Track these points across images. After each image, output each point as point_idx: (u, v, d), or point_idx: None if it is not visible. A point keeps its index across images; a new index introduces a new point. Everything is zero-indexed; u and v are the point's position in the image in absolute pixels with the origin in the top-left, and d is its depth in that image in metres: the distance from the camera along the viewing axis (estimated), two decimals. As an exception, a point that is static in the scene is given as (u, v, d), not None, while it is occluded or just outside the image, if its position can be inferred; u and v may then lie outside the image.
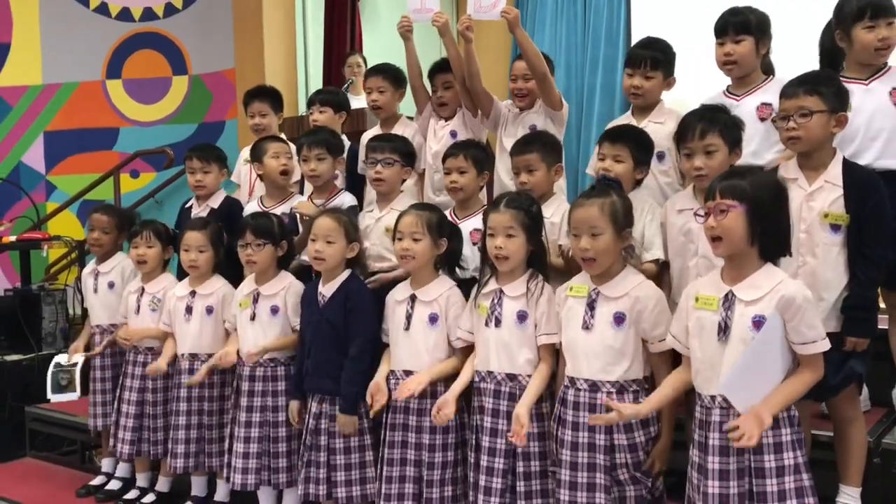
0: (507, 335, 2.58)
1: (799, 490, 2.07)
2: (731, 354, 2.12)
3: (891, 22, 2.71)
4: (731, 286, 2.16)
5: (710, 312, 2.17)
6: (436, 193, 3.64)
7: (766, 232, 2.12)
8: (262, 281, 3.18)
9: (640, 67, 3.14)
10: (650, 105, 3.20)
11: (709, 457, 2.14)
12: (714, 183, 2.20)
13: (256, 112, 4.07)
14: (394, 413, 2.76)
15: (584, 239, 2.40)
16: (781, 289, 2.10)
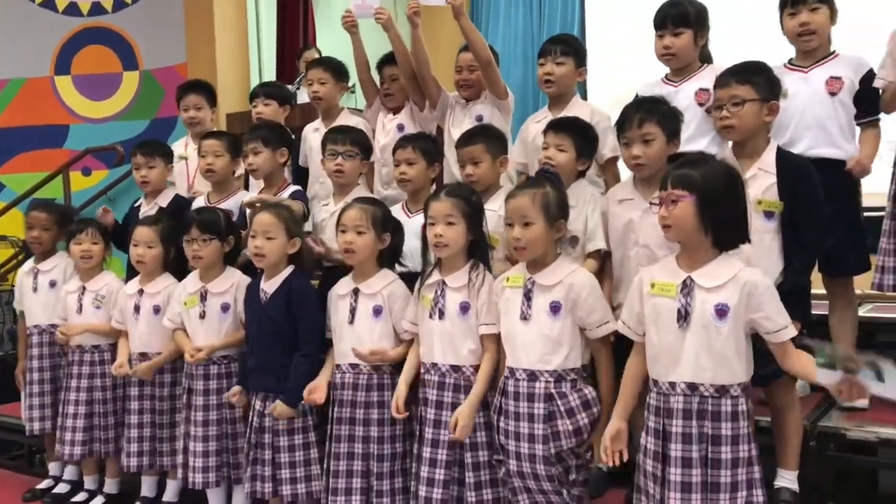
0: (451, 326, 2.58)
1: (750, 482, 2.11)
2: (692, 340, 2.14)
3: (814, 8, 2.76)
4: (689, 272, 2.18)
5: (667, 299, 2.18)
6: (384, 187, 3.63)
7: (719, 221, 2.14)
8: (208, 278, 3.14)
9: (549, 55, 3.18)
10: (564, 96, 3.23)
11: (670, 444, 2.15)
12: (667, 172, 2.22)
13: (191, 105, 4.03)
14: (339, 407, 2.75)
15: (516, 228, 2.42)
16: (743, 276, 2.12)
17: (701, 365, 2.13)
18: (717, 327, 2.11)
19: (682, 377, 2.15)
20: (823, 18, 2.78)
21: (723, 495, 2.09)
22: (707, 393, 2.13)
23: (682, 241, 2.19)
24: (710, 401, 2.12)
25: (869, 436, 2.58)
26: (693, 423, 2.13)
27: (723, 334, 2.11)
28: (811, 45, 2.81)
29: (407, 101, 3.67)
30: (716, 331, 2.11)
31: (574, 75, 3.25)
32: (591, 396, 2.39)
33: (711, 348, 2.12)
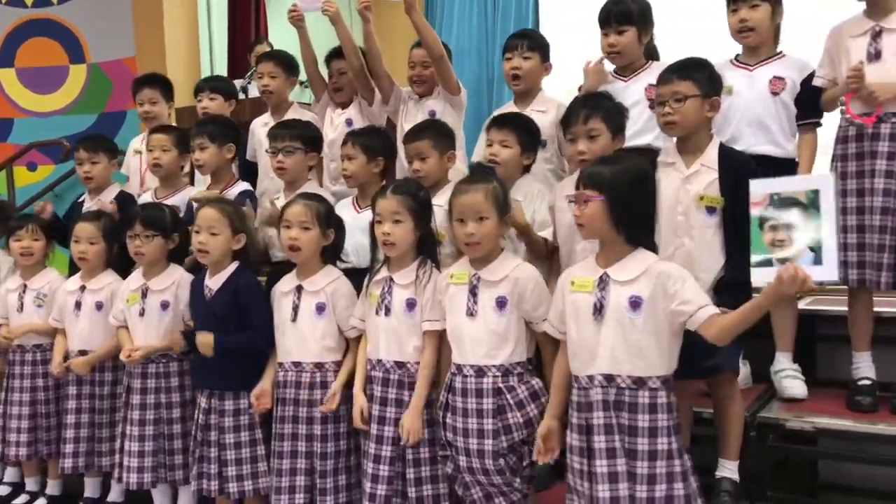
0: (396, 323, 2.58)
1: (670, 475, 2.12)
2: (608, 333, 2.16)
3: (754, 5, 2.80)
4: (605, 268, 2.21)
5: (585, 294, 2.21)
6: (333, 182, 3.61)
7: (628, 219, 2.17)
8: (150, 275, 3.09)
9: (516, 50, 3.19)
10: (531, 91, 3.23)
11: (594, 437, 2.17)
12: (582, 172, 2.25)
13: (146, 100, 3.96)
14: (282, 406, 2.73)
15: (470, 224, 2.41)
16: (656, 268, 2.15)
17: (617, 357, 2.15)
18: (632, 319, 2.14)
19: (599, 370, 2.17)
20: (763, 15, 2.82)
21: (640, 486, 2.10)
22: (624, 384, 2.15)
23: (596, 238, 2.23)
24: (628, 392, 2.14)
25: (806, 426, 2.63)
26: (613, 413, 2.15)
27: (638, 326, 2.14)
28: (749, 41, 2.85)
29: (356, 96, 3.65)
30: (630, 323, 2.14)
31: (541, 70, 3.26)
32: (538, 387, 2.41)
33: (627, 340, 2.14)
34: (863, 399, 2.68)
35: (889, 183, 2.60)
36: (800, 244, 1.93)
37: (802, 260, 1.93)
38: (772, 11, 2.83)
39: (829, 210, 1.91)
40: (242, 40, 6.41)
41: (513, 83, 3.25)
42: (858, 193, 2.66)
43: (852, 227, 2.67)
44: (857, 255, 2.67)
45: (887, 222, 2.60)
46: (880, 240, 2.61)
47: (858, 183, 2.66)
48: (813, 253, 1.93)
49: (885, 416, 2.63)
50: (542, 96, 3.26)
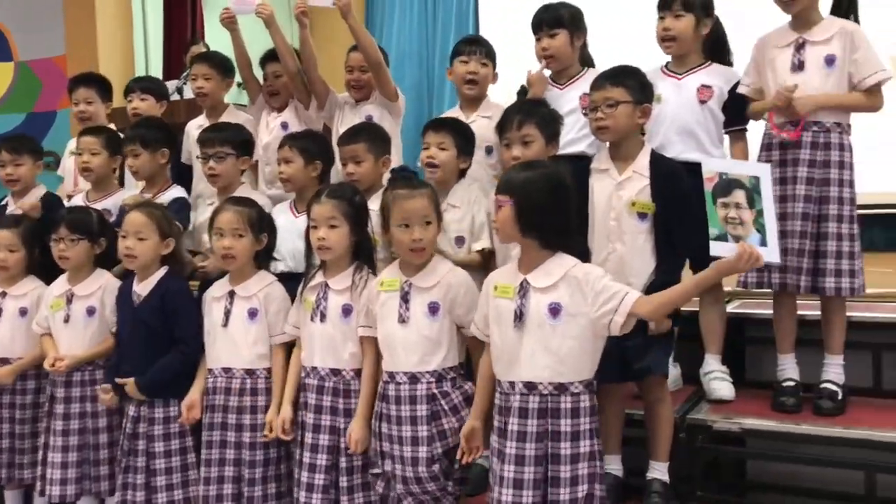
0: (332, 329, 2.55)
1: (591, 476, 2.15)
2: (529, 340, 2.17)
3: (678, 14, 2.86)
4: (526, 274, 2.22)
5: (507, 300, 2.22)
6: (268, 186, 3.56)
7: (539, 225, 2.18)
8: (76, 280, 3.01)
9: (474, 55, 3.20)
10: (479, 97, 3.24)
11: (507, 441, 2.18)
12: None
13: (82, 99, 3.86)
14: (211, 412, 2.69)
15: (417, 229, 2.40)
16: (573, 273, 2.17)
17: (538, 364, 2.16)
18: (552, 326, 2.15)
19: (520, 377, 2.18)
20: (686, 26, 2.86)
21: (563, 490, 2.12)
22: (546, 391, 2.16)
23: (510, 242, 2.26)
24: (550, 399, 2.15)
25: (733, 427, 2.68)
26: (528, 421, 2.16)
27: (558, 333, 2.15)
28: (671, 50, 2.91)
29: (291, 99, 3.61)
30: (551, 329, 2.15)
31: (492, 77, 3.27)
32: (471, 392, 2.41)
33: (548, 347, 2.15)
34: (787, 400, 2.75)
35: (809, 189, 2.68)
36: (748, 225, 2.12)
37: (751, 239, 2.10)
38: (696, 22, 2.87)
39: (768, 196, 2.10)
40: (178, 40, 6.28)
41: (466, 87, 3.23)
42: (781, 199, 2.72)
43: None
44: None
45: (807, 228, 2.67)
46: (800, 244, 2.67)
47: (781, 189, 2.73)
48: (759, 235, 2.10)
49: (808, 416, 2.69)
50: (487, 102, 3.26)
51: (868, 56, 2.67)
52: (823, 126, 2.69)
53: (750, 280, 2.80)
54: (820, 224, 2.68)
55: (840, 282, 2.65)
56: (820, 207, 2.68)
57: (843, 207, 2.67)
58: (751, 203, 2.12)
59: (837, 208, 2.67)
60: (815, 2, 2.72)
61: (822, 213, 2.68)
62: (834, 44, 2.69)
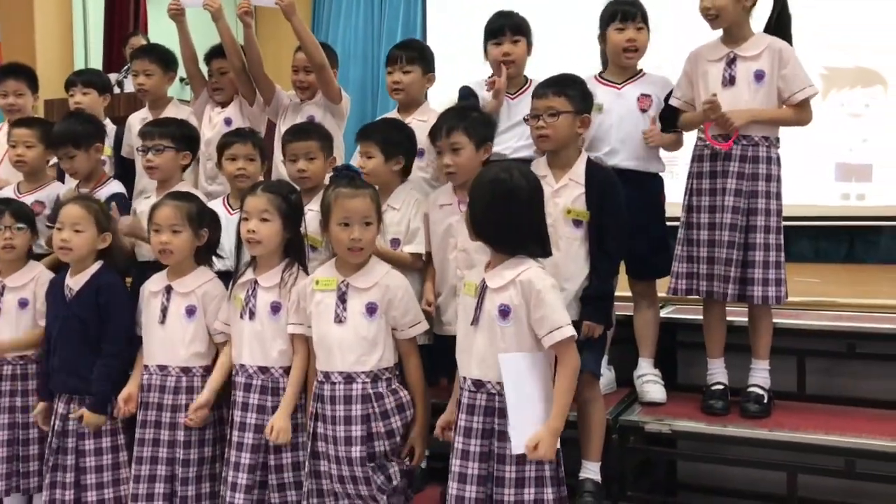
0: (260, 327, 2.55)
1: (539, 479, 2.18)
2: (480, 339, 2.22)
3: (640, 27, 2.94)
4: (485, 274, 2.27)
5: (469, 298, 2.28)
6: (209, 182, 3.53)
7: (488, 230, 2.23)
8: (8, 272, 2.95)
9: (396, 63, 3.21)
10: (413, 102, 3.26)
11: (456, 436, 2.24)
12: None
13: (10, 91, 3.77)
14: (145, 410, 2.66)
15: (356, 229, 2.40)
16: (523, 277, 2.20)
17: (487, 363, 2.20)
18: (502, 327, 2.19)
19: (471, 374, 2.24)
20: (645, 39, 2.95)
21: (507, 490, 2.16)
22: (494, 390, 2.20)
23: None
24: (497, 398, 2.19)
25: (664, 428, 2.75)
26: (475, 418, 2.21)
27: (507, 334, 2.19)
28: (632, 61, 2.98)
29: (236, 95, 3.58)
30: (500, 330, 2.19)
31: (423, 82, 3.26)
32: (405, 400, 2.44)
33: (496, 347, 2.19)
34: (715, 403, 2.83)
35: (737, 201, 2.76)
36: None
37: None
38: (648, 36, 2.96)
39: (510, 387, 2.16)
40: (119, 32, 6.17)
41: (394, 95, 3.26)
42: (710, 210, 2.81)
43: (703, 241, 2.82)
44: (706, 268, 2.82)
45: (735, 238, 2.75)
46: (728, 254, 2.75)
47: (711, 200, 2.81)
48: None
49: (735, 419, 2.78)
50: (424, 107, 3.27)
51: (796, 72, 2.77)
52: (752, 140, 2.78)
53: (679, 287, 2.87)
54: (748, 235, 2.76)
55: (766, 290, 2.74)
56: (748, 219, 2.76)
57: (770, 219, 2.76)
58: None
59: (765, 220, 2.75)
60: (743, 18, 2.81)
61: (749, 223, 2.76)
62: (763, 59, 2.77)
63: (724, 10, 2.76)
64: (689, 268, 2.85)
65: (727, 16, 2.77)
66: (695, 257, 2.84)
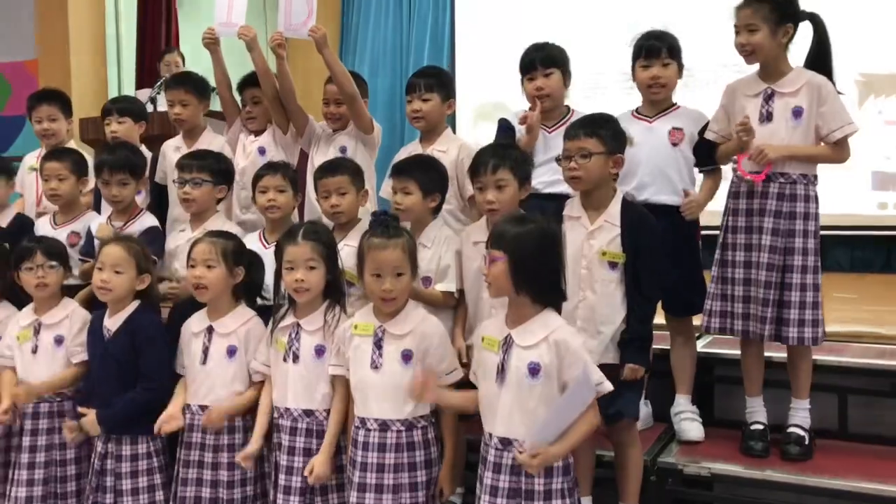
0: (305, 371, 2.55)
1: None
2: (507, 396, 2.19)
3: (666, 63, 2.90)
4: (511, 329, 2.24)
5: (492, 354, 2.25)
6: (242, 211, 3.54)
7: (532, 281, 2.20)
8: (43, 309, 2.96)
9: (416, 91, 3.20)
10: (434, 129, 3.26)
11: (482, 494, 2.23)
12: (491, 232, 2.28)
13: (44, 117, 3.80)
14: (188, 450, 2.67)
15: (388, 280, 2.40)
16: (555, 335, 2.18)
17: (514, 421, 2.18)
18: (531, 385, 2.17)
19: (497, 431, 2.22)
20: (672, 73, 2.92)
21: None
22: (521, 449, 2.17)
23: (502, 297, 2.26)
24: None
25: (702, 471, 2.72)
26: (501, 476, 2.19)
27: (535, 393, 2.17)
28: (659, 96, 2.94)
29: (269, 123, 3.59)
30: (529, 389, 2.17)
31: (442, 109, 3.26)
32: (434, 455, 2.43)
33: (524, 406, 2.17)
34: (755, 444, 2.79)
35: (775, 240, 2.71)
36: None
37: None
38: (678, 70, 2.93)
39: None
40: (152, 48, 6.22)
41: (415, 124, 3.26)
42: (746, 248, 2.77)
43: (739, 280, 2.78)
44: (742, 307, 2.78)
45: (772, 278, 2.71)
46: (765, 294, 2.71)
47: (747, 238, 2.77)
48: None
49: (776, 461, 2.73)
50: (445, 135, 3.28)
51: (835, 110, 2.71)
52: (790, 178, 2.74)
53: (713, 325, 2.84)
54: (784, 274, 2.71)
55: (803, 332, 2.70)
56: (785, 258, 2.72)
57: (808, 258, 2.71)
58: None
59: (802, 259, 2.71)
60: (780, 53, 2.76)
61: (786, 263, 2.72)
62: (801, 96, 2.72)
63: (761, 46, 2.71)
64: (724, 306, 2.81)
65: (763, 52, 2.73)
66: (729, 295, 2.80)
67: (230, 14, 3.45)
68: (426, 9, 7.35)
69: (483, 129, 7.13)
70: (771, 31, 2.71)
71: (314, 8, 3.35)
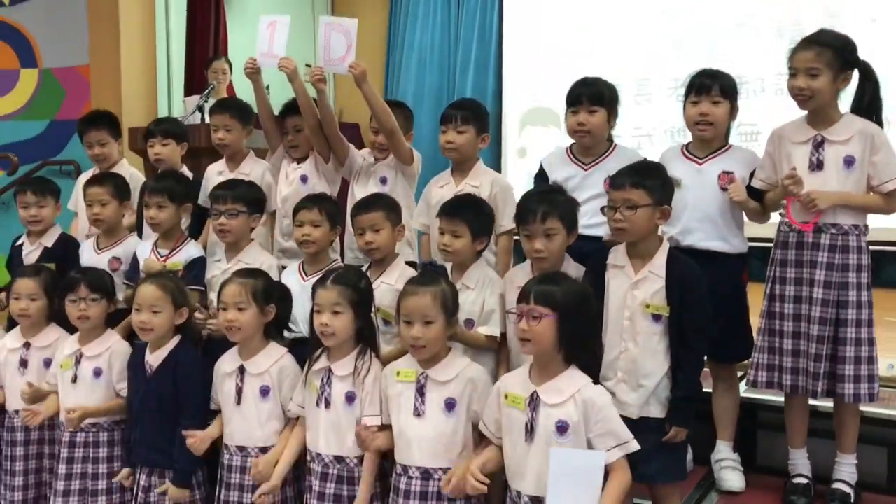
0: (336, 417, 2.55)
1: None
2: (536, 454, 2.18)
3: (716, 101, 2.82)
4: (538, 386, 2.21)
5: (517, 411, 2.22)
6: (284, 238, 3.55)
7: (574, 339, 2.19)
8: (86, 340, 3.02)
9: (451, 123, 3.18)
10: (467, 161, 3.23)
11: None
12: (529, 286, 2.24)
13: (94, 141, 3.83)
14: (227, 490, 2.69)
15: (416, 327, 2.39)
16: (582, 393, 2.17)
17: (544, 479, 2.14)
18: (559, 443, 2.15)
19: (526, 490, 2.20)
20: (722, 112, 2.84)
21: None
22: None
23: (540, 354, 2.22)
24: None
25: (746, 526, 2.67)
26: None
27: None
28: (706, 134, 2.87)
29: (311, 151, 3.60)
30: (558, 447, 2.14)
31: (476, 142, 3.24)
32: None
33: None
34: (797, 500, 2.73)
35: (827, 293, 2.64)
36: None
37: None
38: (730, 109, 2.85)
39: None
40: (201, 54, 6.27)
41: (448, 154, 3.23)
42: (795, 300, 2.70)
43: (788, 332, 2.71)
44: (791, 361, 2.71)
45: (825, 332, 2.63)
46: (817, 349, 2.64)
47: (796, 290, 2.70)
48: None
49: (820, 518, 2.68)
50: (477, 169, 3.25)
51: (889, 160, 2.63)
52: (842, 228, 2.66)
53: (760, 380, 2.76)
54: (838, 329, 2.64)
55: (858, 388, 2.62)
56: (838, 311, 2.64)
57: (862, 311, 2.64)
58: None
59: (856, 313, 2.63)
60: (833, 99, 2.67)
61: (840, 317, 2.64)
62: (854, 144, 2.64)
63: (820, 92, 2.63)
64: (771, 359, 2.75)
65: (821, 97, 2.64)
66: (777, 349, 2.74)
67: (272, 45, 3.45)
68: (474, 7, 7.29)
69: (530, 133, 7.10)
70: (832, 78, 2.62)
71: (353, 43, 3.35)
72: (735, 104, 2.87)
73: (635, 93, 6.11)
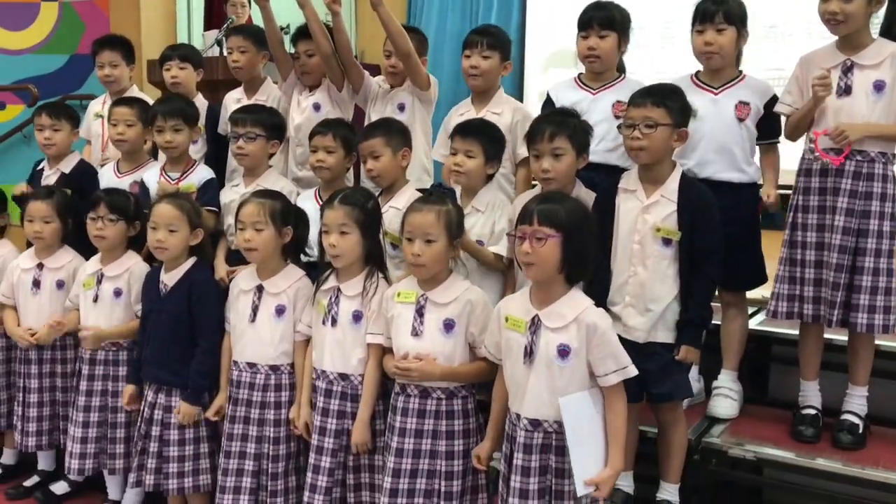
0: (342, 335, 2.56)
1: None
2: (536, 378, 2.17)
3: (720, 29, 2.74)
4: (539, 310, 2.19)
5: (517, 334, 2.21)
6: (298, 168, 3.53)
7: (577, 259, 2.16)
8: (107, 260, 3.05)
9: (476, 47, 3.12)
10: (489, 90, 3.17)
11: (512, 475, 2.21)
12: (530, 206, 2.20)
13: (106, 62, 3.81)
14: (234, 405, 2.73)
15: (417, 244, 2.39)
16: (585, 317, 2.15)
17: (543, 402, 2.16)
18: (560, 367, 2.14)
19: (526, 413, 2.20)
20: (728, 40, 2.75)
21: None
22: (551, 429, 2.17)
23: (543, 279, 2.19)
24: (555, 436, 2.16)
25: (748, 454, 2.64)
26: (532, 457, 2.18)
27: (565, 374, 2.14)
28: (713, 63, 2.79)
29: (324, 78, 3.55)
30: (559, 370, 2.14)
31: (500, 69, 3.18)
32: (473, 425, 2.44)
33: (553, 387, 2.15)
34: (805, 430, 2.70)
35: (849, 221, 2.58)
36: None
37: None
38: (737, 35, 2.76)
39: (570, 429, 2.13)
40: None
41: (471, 81, 3.17)
42: (818, 229, 2.64)
43: (810, 262, 2.66)
44: (813, 291, 2.65)
45: (843, 261, 2.58)
46: (836, 278, 2.59)
47: (819, 218, 2.64)
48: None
49: (827, 448, 2.64)
50: (498, 97, 3.19)
51: None
52: (868, 156, 2.59)
53: (780, 310, 2.71)
54: (856, 257, 2.58)
55: (873, 318, 2.58)
56: (858, 240, 2.59)
57: (883, 241, 2.58)
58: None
59: (876, 242, 2.57)
60: (866, 23, 2.58)
61: (859, 245, 2.58)
62: (885, 69, 2.56)
63: (854, 16, 2.54)
64: (792, 289, 2.69)
65: (854, 22, 2.56)
66: (798, 278, 2.68)
67: None
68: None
69: (553, 76, 6.97)
70: (866, 1, 2.53)
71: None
72: (743, 30, 2.78)
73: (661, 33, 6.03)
